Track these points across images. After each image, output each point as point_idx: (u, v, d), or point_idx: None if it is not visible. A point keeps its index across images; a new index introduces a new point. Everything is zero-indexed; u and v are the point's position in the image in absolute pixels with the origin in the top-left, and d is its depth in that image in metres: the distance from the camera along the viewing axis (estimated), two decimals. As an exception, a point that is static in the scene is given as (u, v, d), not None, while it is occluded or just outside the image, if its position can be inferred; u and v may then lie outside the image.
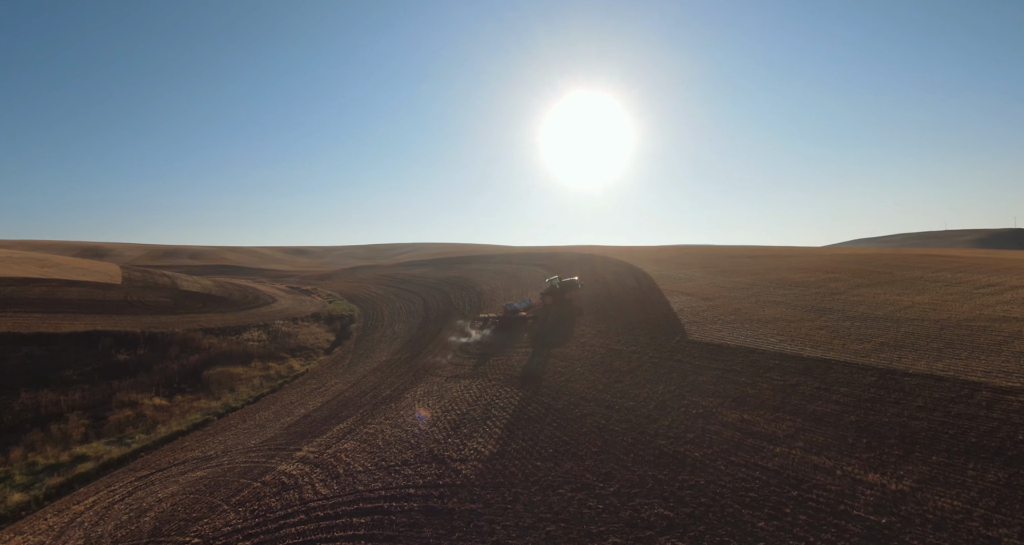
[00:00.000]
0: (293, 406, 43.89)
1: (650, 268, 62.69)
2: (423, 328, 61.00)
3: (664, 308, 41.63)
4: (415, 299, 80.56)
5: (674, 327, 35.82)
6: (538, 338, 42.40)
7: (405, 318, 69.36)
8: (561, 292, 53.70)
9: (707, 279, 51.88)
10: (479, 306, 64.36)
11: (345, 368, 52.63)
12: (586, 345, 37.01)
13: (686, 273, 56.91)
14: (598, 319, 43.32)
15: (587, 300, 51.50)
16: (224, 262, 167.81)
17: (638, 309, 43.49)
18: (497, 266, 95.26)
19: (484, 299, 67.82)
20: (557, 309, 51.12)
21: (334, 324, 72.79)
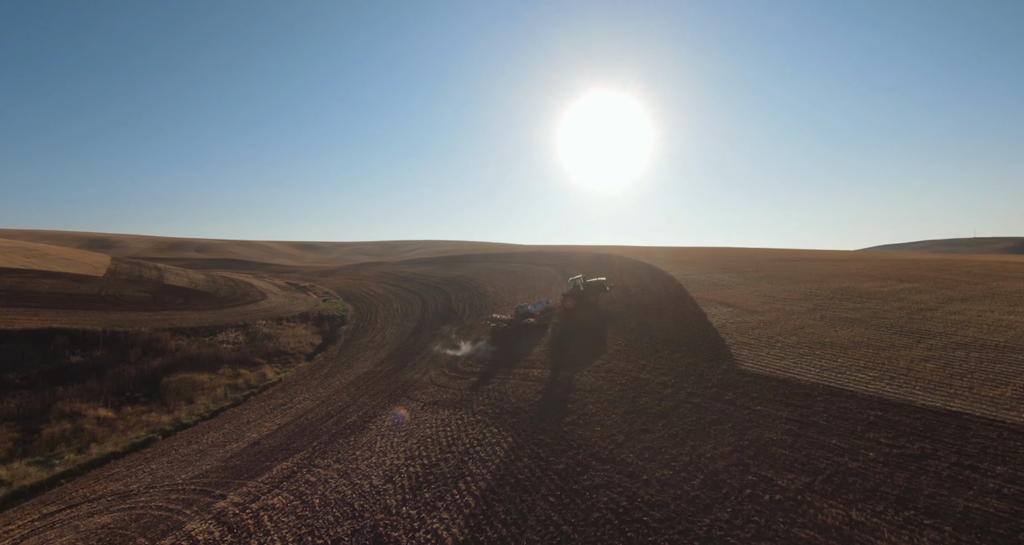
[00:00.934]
0: (247, 427, 36.49)
1: (675, 271, 54.18)
2: (416, 334, 53.27)
3: (700, 322, 33.22)
4: (414, 300, 72.98)
5: (717, 350, 27.43)
6: (547, 353, 34.33)
7: (399, 321, 61.76)
8: (584, 295, 45.73)
9: (748, 286, 43.24)
10: (480, 309, 56.45)
11: (320, 380, 45.14)
12: (602, 369, 28.80)
13: (720, 278, 48.29)
14: (619, 334, 35.07)
15: (605, 310, 43.27)
16: (230, 256, 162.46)
17: (668, 322, 35.16)
18: (504, 265, 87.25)
19: (487, 302, 59.88)
20: (579, 315, 43.07)
21: (323, 326, 65.47)
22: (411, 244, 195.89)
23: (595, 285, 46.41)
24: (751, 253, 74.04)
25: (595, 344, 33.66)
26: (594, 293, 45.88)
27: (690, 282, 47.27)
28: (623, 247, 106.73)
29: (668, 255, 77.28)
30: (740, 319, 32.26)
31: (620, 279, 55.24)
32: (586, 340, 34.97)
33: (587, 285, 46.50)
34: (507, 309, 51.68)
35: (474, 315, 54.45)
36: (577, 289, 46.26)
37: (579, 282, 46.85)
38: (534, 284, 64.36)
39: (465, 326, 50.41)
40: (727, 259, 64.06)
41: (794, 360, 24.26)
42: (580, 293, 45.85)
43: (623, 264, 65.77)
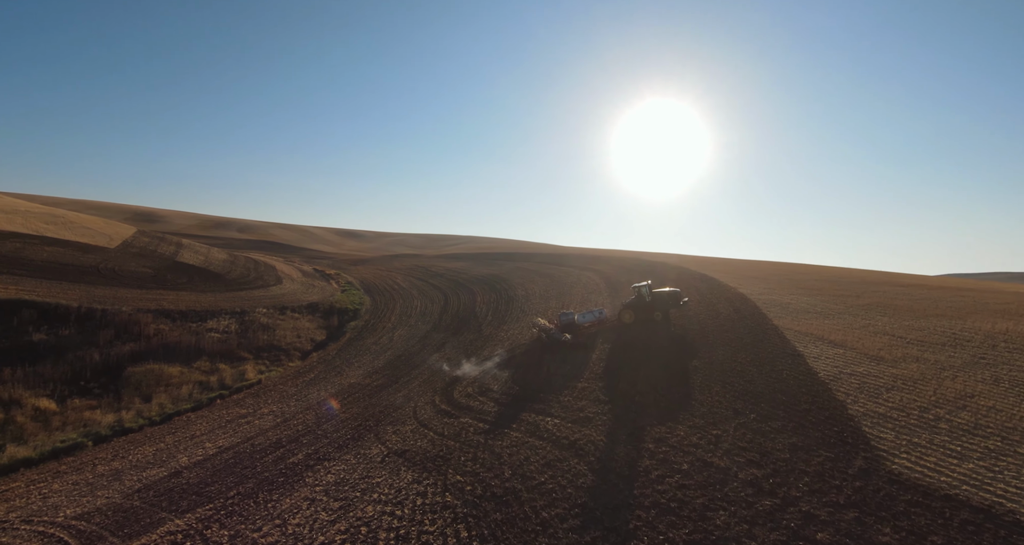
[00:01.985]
0: (185, 446, 28.77)
1: (745, 288, 43.47)
2: (425, 340, 44.73)
3: (797, 367, 23.00)
4: (436, 298, 64.67)
5: (837, 422, 17.28)
6: (580, 392, 24.89)
7: (414, 321, 53.48)
8: (649, 308, 36.16)
9: (853, 317, 32.24)
10: (504, 316, 47.40)
11: (300, 388, 37.22)
12: (651, 436, 19.10)
13: (807, 301, 37.35)
14: (685, 373, 25.21)
15: (674, 332, 33.43)
16: (269, 238, 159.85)
17: (748, 362, 25.02)
18: (542, 267, 77.82)
19: (514, 307, 50.74)
20: (637, 335, 33.51)
21: (331, 319, 58.01)
22: (453, 239, 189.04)
23: (666, 297, 36.39)
24: (833, 272, 61.75)
25: (654, 385, 23.93)
26: (663, 307, 35.91)
27: (768, 303, 36.64)
28: (676, 255, 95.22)
29: (730, 267, 65.93)
30: (861, 369, 21.79)
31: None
32: (643, 378, 25.24)
33: (655, 296, 36.53)
34: (549, 317, 42.51)
35: (496, 323, 45.41)
36: (641, 299, 36.47)
37: (644, 291, 36.93)
38: (572, 291, 54.76)
39: (481, 336, 41.46)
40: (806, 277, 52.50)
41: (988, 463, 13.94)
42: (643, 305, 36.12)
43: (679, 275, 55.23)
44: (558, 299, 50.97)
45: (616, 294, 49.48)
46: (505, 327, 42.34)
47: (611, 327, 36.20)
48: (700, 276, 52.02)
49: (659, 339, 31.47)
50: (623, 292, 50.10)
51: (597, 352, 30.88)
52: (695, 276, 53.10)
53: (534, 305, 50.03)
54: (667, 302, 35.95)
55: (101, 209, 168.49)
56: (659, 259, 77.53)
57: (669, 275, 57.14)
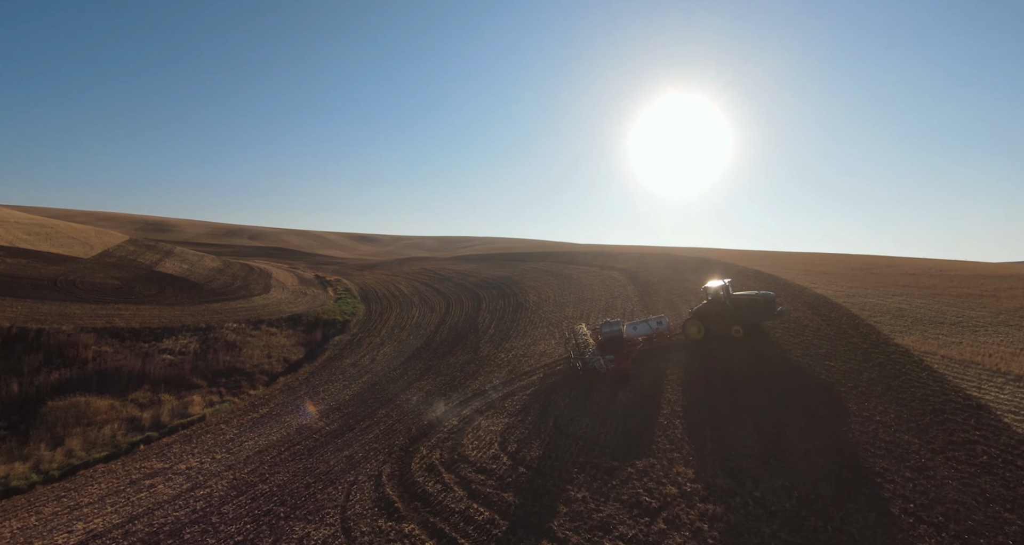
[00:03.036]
0: (50, 528, 20.26)
1: (825, 288, 33.38)
2: (410, 363, 35.78)
3: (975, 420, 13.30)
4: (438, 305, 55.83)
5: None
6: (640, 474, 15.52)
7: (406, 336, 44.65)
8: (728, 319, 26.02)
9: (1019, 330, 22.03)
10: (508, 329, 38.18)
11: (242, 430, 28.66)
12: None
13: (924, 306, 27.11)
14: (831, 471, 15.51)
15: (753, 362, 23.58)
16: (280, 244, 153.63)
17: (900, 419, 15.26)
18: (559, 267, 68.27)
19: (523, 316, 41.48)
20: (713, 358, 23.75)
21: (313, 334, 49.56)
22: (468, 240, 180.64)
23: (753, 304, 25.67)
24: (916, 264, 50.57)
25: (798, 483, 14.29)
26: (749, 318, 25.63)
27: (868, 309, 26.58)
28: (710, 249, 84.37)
29: (781, 261, 55.32)
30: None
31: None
32: (771, 466, 15.55)
33: (736, 302, 26.05)
34: (587, 325, 33.17)
35: (497, 338, 36.16)
36: (716, 306, 26.27)
37: (721, 293, 26.53)
38: (593, 295, 45.18)
39: (477, 357, 32.28)
40: (888, 271, 41.84)
41: None
42: (720, 315, 26.01)
43: (726, 272, 45.16)
44: (576, 306, 41.49)
45: (650, 298, 39.80)
46: (508, 344, 33.08)
47: (665, 345, 26.62)
48: (752, 273, 41.99)
49: (752, 368, 21.64)
50: (658, 296, 40.34)
51: (651, 385, 21.30)
52: (745, 273, 43.06)
53: (546, 313, 40.67)
54: (756, 311, 25.40)
55: (113, 220, 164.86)
56: (692, 254, 67.23)
57: (711, 272, 47.17)
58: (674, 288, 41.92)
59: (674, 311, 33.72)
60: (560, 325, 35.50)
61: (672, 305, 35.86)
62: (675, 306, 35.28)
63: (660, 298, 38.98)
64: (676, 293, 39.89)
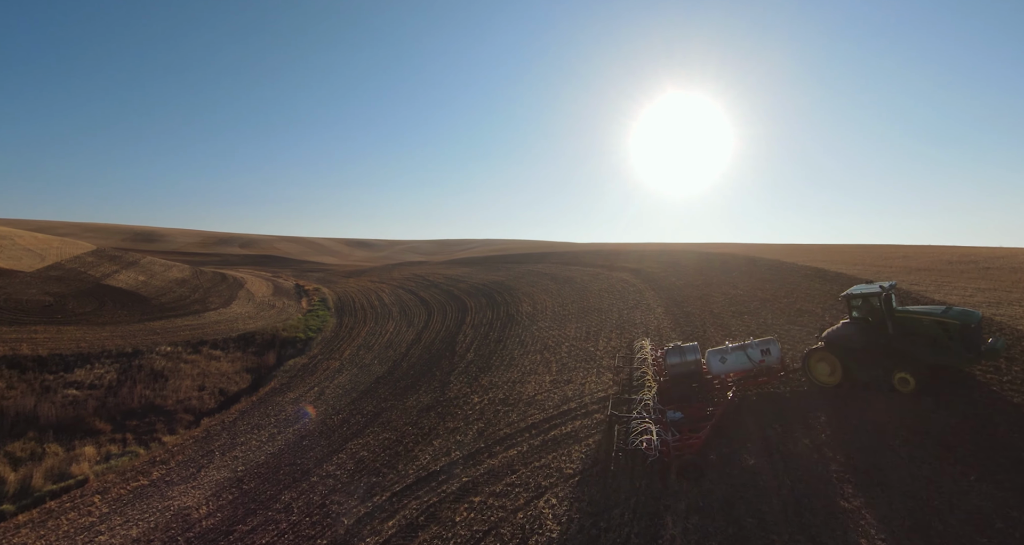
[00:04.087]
0: None
1: (944, 291, 24.61)
2: (358, 404, 27.03)
3: None
4: (418, 317, 47.26)
5: None
6: None
7: (370, 360, 36.06)
8: (890, 353, 15.38)
9: None
10: (493, 351, 29.38)
11: (119, 506, 20.10)
12: None
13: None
14: None
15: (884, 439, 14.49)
16: (271, 252, 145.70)
17: None
18: (557, 268, 59.42)
19: (512, 333, 32.73)
20: (857, 428, 14.22)
21: (266, 355, 41.00)
22: (466, 243, 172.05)
23: (938, 328, 14.75)
24: (958, 252, 41.25)
25: None
26: (928, 352, 14.83)
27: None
28: (736, 244, 75.23)
29: (834, 255, 46.13)
30: None
31: (806, 308, 26.35)
32: None
33: (905, 324, 15.43)
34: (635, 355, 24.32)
35: (473, 370, 27.32)
36: (868, 327, 16.04)
37: (876, 304, 15.92)
38: (602, 305, 36.31)
39: (440, 401, 23.43)
40: (992, 262, 32.85)
41: None
42: (878, 345, 15.65)
43: (768, 272, 36.27)
44: (580, 320, 32.65)
45: (680, 310, 30.65)
46: (487, 379, 24.29)
47: (773, 384, 17.37)
48: (807, 272, 33.05)
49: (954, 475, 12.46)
50: (690, 305, 31.20)
51: (746, 502, 12.29)
52: (798, 272, 34.12)
53: (542, 331, 31.86)
54: (943, 344, 14.63)
55: (100, 231, 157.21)
56: (713, 249, 58.16)
57: (742, 270, 38.30)
58: (709, 295, 32.72)
59: (723, 332, 24.70)
60: (559, 348, 26.65)
61: (719, 322, 26.64)
62: (724, 324, 26.11)
63: (694, 308, 29.87)
64: (717, 303, 30.56)
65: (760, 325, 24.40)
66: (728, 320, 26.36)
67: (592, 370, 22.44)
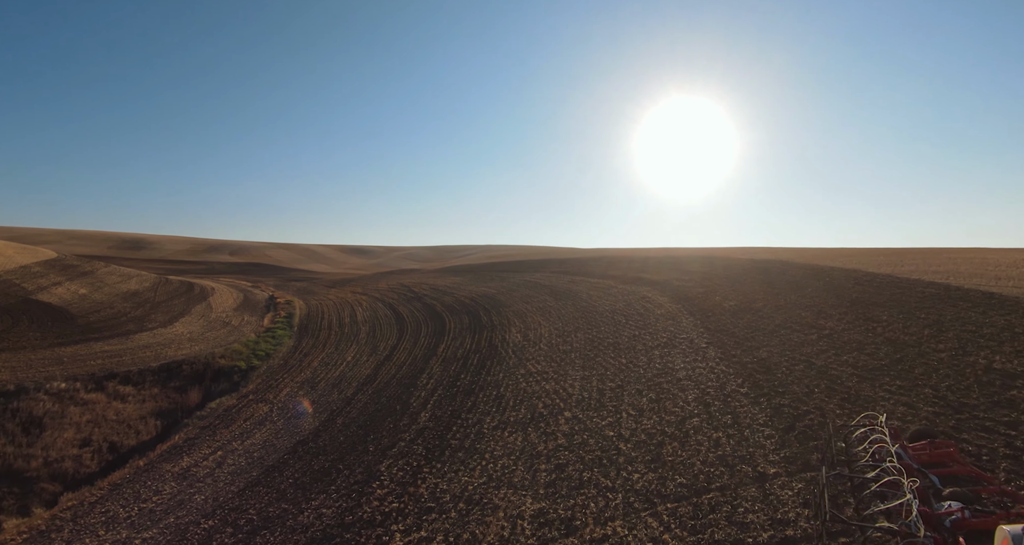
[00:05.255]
0: None
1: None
2: (252, 494, 18.21)
3: None
4: (386, 341, 38.74)
5: None
6: None
7: (316, 397, 27.38)
8: None
9: None
10: (460, 409, 20.68)
11: None
12: None
13: None
14: None
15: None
16: (261, 260, 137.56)
17: None
18: (558, 279, 50.55)
19: (492, 378, 23.95)
20: None
21: (189, 392, 32.44)
22: (465, 249, 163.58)
23: None
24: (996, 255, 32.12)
25: None
26: None
27: None
28: (765, 249, 66.15)
29: (919, 261, 37.04)
30: None
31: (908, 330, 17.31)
32: None
33: None
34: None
35: (422, 452, 18.65)
36: None
37: None
38: (620, 338, 27.43)
39: (355, 524, 14.41)
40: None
41: None
42: None
43: (844, 285, 27.38)
44: (589, 360, 23.79)
45: (745, 353, 20.60)
46: (432, 478, 15.50)
47: None
48: (953, 293, 24.19)
49: None
50: (764, 345, 21.63)
51: None
52: (922, 290, 25.23)
53: (533, 378, 23.05)
54: None
55: (86, 238, 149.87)
56: (741, 255, 49.04)
57: (825, 290, 29.37)
58: (786, 328, 23.01)
59: (853, 408, 14.11)
60: (555, 423, 17.61)
61: (838, 386, 15.51)
62: (852, 393, 14.90)
63: (771, 353, 20.17)
64: (810, 345, 19.43)
65: (944, 406, 13.21)
66: (856, 386, 15.38)
67: (616, 496, 12.10)
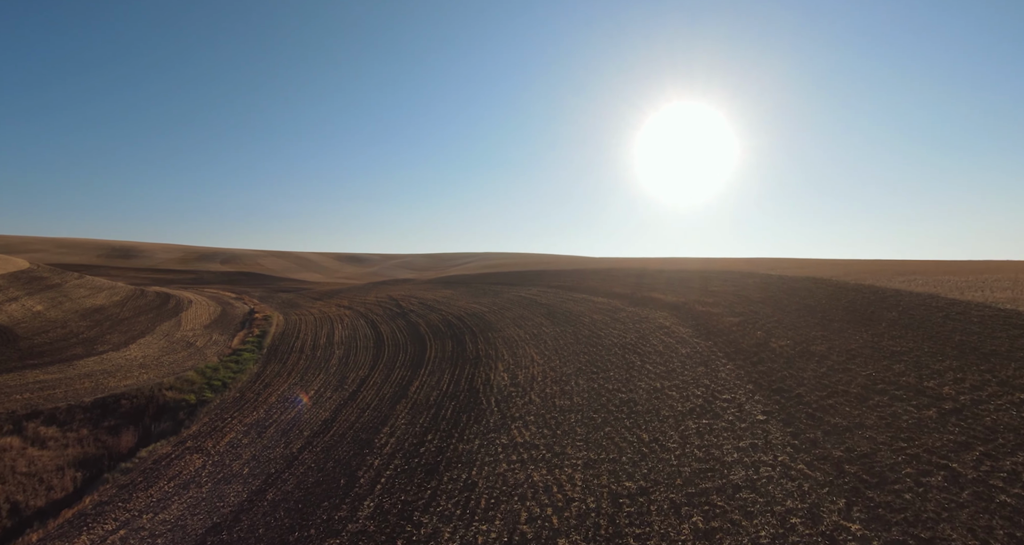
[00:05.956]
0: None
1: None
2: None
3: None
4: (356, 372, 34.08)
5: None
6: None
7: (240, 468, 22.69)
8: None
9: None
10: (407, 510, 15.82)
11: None
12: None
13: None
14: None
15: None
16: (252, 269, 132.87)
17: None
18: (556, 296, 45.70)
19: (465, 437, 19.23)
20: None
21: (122, 435, 27.70)
22: (461, 257, 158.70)
23: None
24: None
25: None
26: None
27: None
28: (778, 260, 61.28)
29: (946, 274, 32.16)
30: None
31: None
32: None
33: None
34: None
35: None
36: None
37: None
38: (632, 391, 22.81)
39: None
40: None
41: None
42: None
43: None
44: (593, 432, 19.17)
45: (838, 445, 13.46)
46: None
47: None
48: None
49: None
50: (862, 421, 16.26)
51: None
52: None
53: (516, 456, 18.45)
54: None
55: (75, 246, 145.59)
56: (765, 267, 44.15)
57: (896, 317, 24.72)
58: (887, 401, 16.59)
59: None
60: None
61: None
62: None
63: (878, 444, 14.41)
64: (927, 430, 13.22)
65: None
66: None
67: None
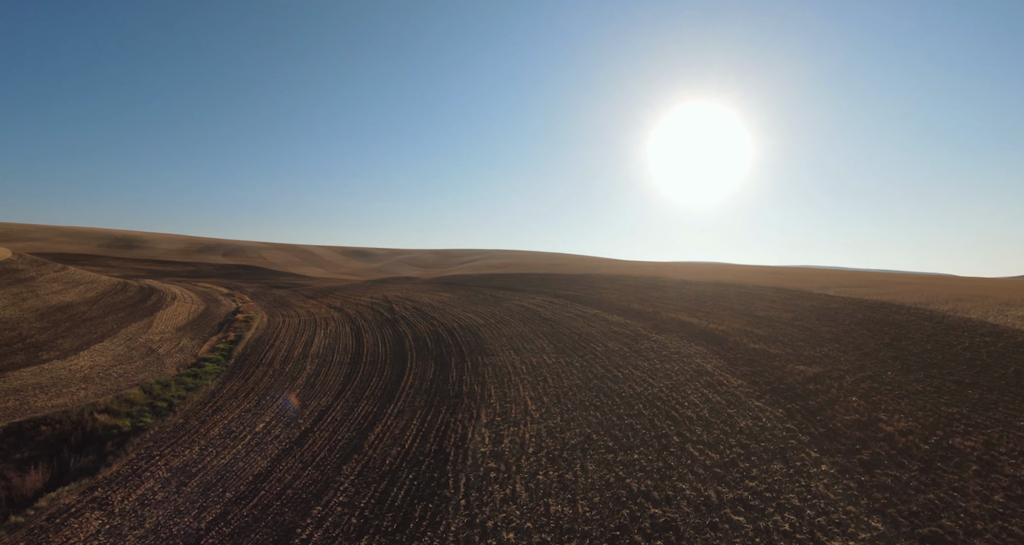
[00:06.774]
0: None
1: None
2: None
3: None
4: (323, 395, 29.09)
5: None
6: None
7: (143, 534, 17.44)
8: None
9: None
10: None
11: None
12: None
13: None
14: None
15: None
16: (254, 262, 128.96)
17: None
18: (562, 308, 40.30)
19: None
20: None
21: (29, 475, 22.85)
22: (468, 254, 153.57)
23: None
24: None
25: None
26: None
27: None
28: (814, 270, 55.24)
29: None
30: None
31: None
32: None
33: None
34: None
35: None
36: None
37: None
38: (671, 480, 17.49)
39: None
40: None
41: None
42: None
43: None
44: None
45: None
46: None
47: None
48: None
49: None
50: None
51: None
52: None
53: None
54: None
55: (76, 235, 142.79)
56: (804, 280, 38.43)
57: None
58: None
59: None
60: None
61: None
62: None
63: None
64: None
65: None
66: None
67: None
